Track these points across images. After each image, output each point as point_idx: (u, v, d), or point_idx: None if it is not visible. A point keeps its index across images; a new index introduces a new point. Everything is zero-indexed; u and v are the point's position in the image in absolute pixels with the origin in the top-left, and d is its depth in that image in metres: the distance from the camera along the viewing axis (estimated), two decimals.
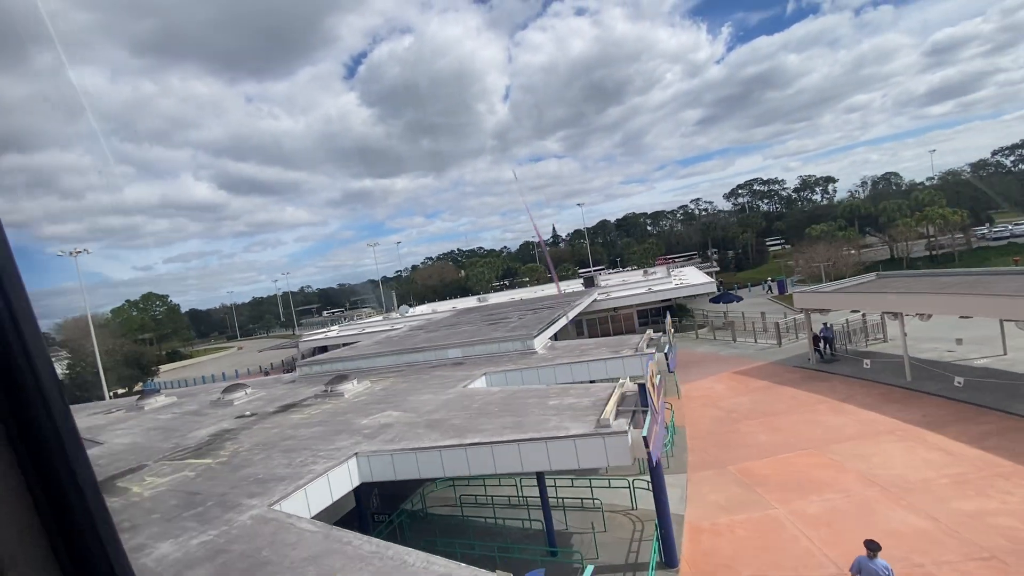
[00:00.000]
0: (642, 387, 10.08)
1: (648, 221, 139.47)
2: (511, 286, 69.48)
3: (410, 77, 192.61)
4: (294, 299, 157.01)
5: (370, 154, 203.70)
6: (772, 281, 48.00)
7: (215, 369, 66.15)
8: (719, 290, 36.96)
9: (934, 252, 47.95)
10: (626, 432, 9.01)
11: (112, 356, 48.58)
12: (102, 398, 46.10)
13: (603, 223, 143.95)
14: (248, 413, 16.19)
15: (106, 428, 17.81)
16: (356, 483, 10.16)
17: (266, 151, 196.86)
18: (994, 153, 55.22)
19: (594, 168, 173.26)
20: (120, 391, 50.24)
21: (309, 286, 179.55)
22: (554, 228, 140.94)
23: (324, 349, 55.14)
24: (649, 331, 17.78)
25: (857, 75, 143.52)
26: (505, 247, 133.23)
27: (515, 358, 17.70)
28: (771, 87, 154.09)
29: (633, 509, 12.92)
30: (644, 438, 8.88)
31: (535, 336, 18.30)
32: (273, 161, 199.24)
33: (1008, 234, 53.88)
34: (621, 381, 11.55)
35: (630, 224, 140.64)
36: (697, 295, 36.07)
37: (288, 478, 9.47)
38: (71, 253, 39.85)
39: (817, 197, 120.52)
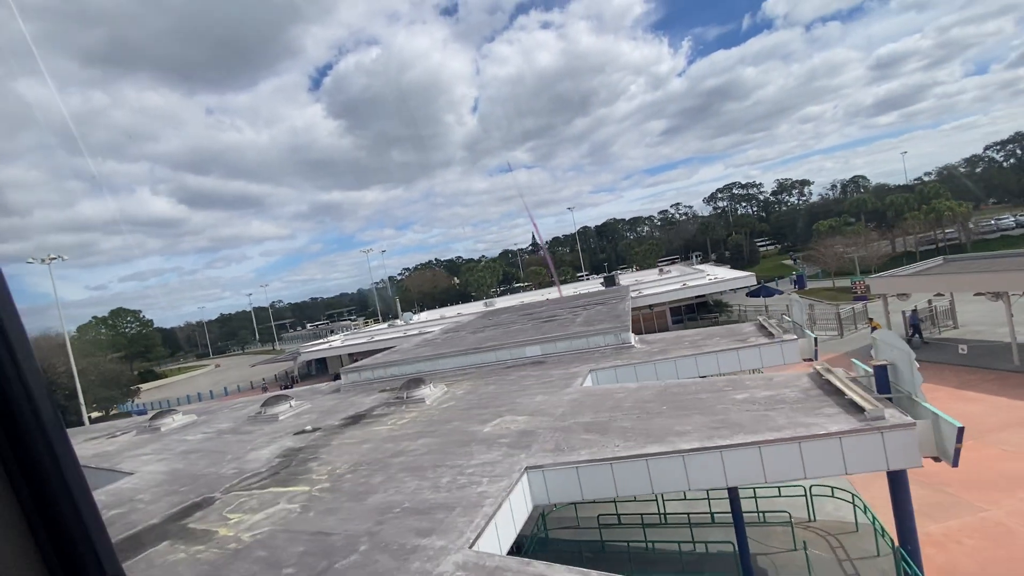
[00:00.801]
0: (881, 369, 8.02)
1: (626, 227, 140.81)
2: (513, 291, 67.24)
3: (378, 88, 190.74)
4: (266, 314, 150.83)
5: (338, 166, 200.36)
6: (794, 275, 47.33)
7: (196, 388, 61.44)
8: (759, 283, 35.76)
9: (940, 244, 48.24)
10: (911, 425, 6.91)
11: (86, 376, 43.91)
12: (79, 423, 41.53)
13: (584, 229, 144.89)
14: (309, 428, 13.42)
15: (124, 454, 14.68)
16: (530, 507, 7.72)
17: (229, 164, 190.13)
18: (986, 148, 56.79)
19: (563, 178, 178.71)
20: (94, 415, 45.52)
21: (280, 301, 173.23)
22: (533, 236, 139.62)
23: (323, 361, 51.62)
24: (760, 318, 15.85)
25: (810, 87, 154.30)
26: (483, 256, 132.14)
27: (610, 354, 15.47)
28: (730, 99, 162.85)
29: (812, 521, 10.81)
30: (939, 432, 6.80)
31: (628, 329, 16.13)
32: (236, 174, 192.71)
33: (996, 228, 55.24)
34: (823, 365, 9.47)
35: (610, 230, 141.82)
36: (736, 289, 34.64)
37: (452, 506, 6.98)
38: (44, 260, 35.62)
39: (793, 199, 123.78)
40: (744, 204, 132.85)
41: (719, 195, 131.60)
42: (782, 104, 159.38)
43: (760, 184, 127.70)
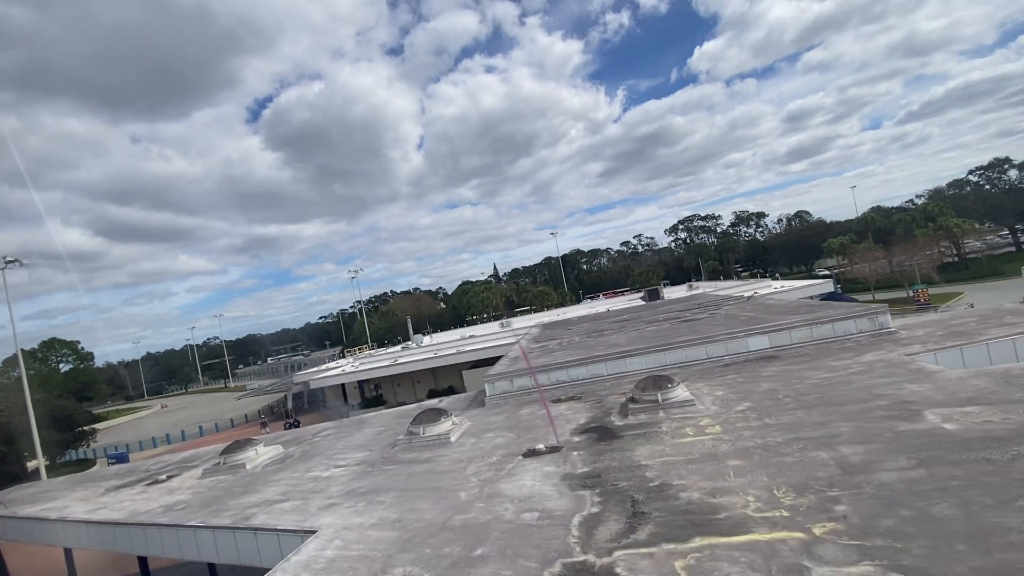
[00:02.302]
0: None
1: (585, 258, 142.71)
2: (522, 313, 63.18)
3: (320, 123, 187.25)
4: (201, 352, 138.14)
5: (276, 199, 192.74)
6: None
7: (147, 431, 52.16)
8: (836, 289, 34.18)
9: (954, 259, 49.55)
10: None
11: (23, 418, 35.28)
12: (21, 473, 32.99)
13: (547, 259, 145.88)
14: (543, 447, 8.99)
15: (244, 504, 9.46)
16: None
17: (155, 195, 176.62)
18: (970, 172, 60.43)
19: (508, 215, 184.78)
20: (33, 464, 36.53)
21: (216, 338, 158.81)
22: (495, 266, 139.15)
23: (319, 392, 45.00)
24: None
25: (731, 136, 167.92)
26: (441, 287, 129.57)
27: (871, 341, 12.14)
28: (662, 144, 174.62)
29: None
30: None
31: (886, 312, 12.88)
32: (163, 206, 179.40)
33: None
34: None
35: (571, 261, 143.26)
36: (812, 296, 32.72)
37: None
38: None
39: (751, 231, 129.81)
40: (703, 235, 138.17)
41: (680, 227, 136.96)
42: (708, 150, 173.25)
43: (719, 216, 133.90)
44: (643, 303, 40.86)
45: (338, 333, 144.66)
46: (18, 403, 36.53)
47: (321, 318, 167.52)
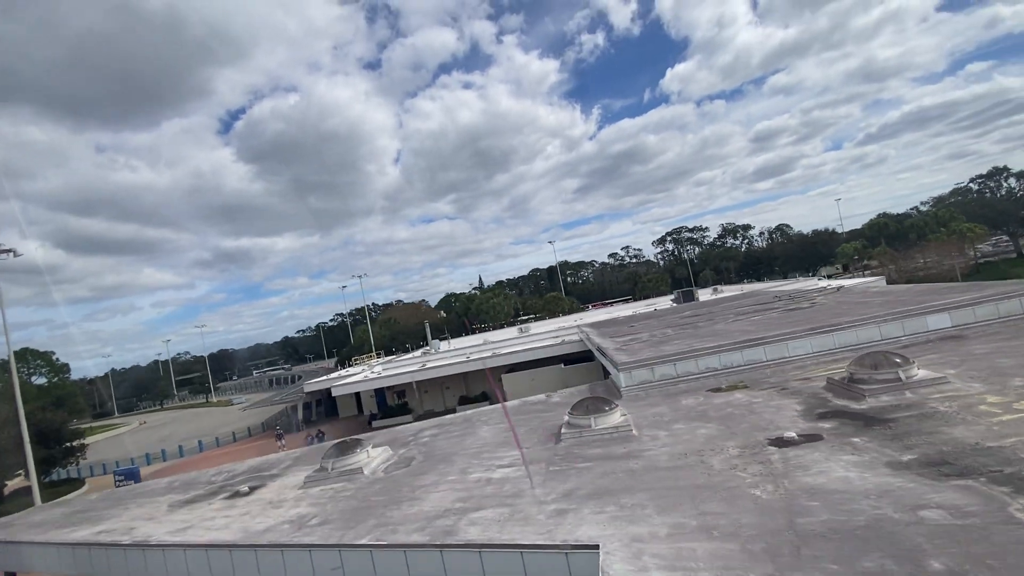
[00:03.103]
0: None
1: (571, 270, 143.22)
2: (538, 319, 61.22)
3: (295, 135, 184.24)
4: (168, 367, 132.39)
5: (248, 211, 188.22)
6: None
7: (123, 450, 48.11)
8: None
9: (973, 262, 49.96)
10: None
11: (8, 430, 31.54)
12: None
13: (534, 271, 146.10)
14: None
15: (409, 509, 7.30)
16: None
17: (120, 206, 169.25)
18: (971, 180, 61.89)
19: (485, 229, 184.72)
20: (13, 482, 32.66)
21: (187, 353, 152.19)
22: (480, 278, 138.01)
23: (327, 403, 42.17)
24: None
25: (702, 155, 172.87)
26: (424, 300, 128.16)
27: None
28: (635, 162, 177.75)
29: None
30: None
31: None
32: (128, 217, 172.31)
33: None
34: None
35: (553, 276, 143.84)
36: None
37: None
38: None
39: (736, 242, 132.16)
40: (690, 247, 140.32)
41: (667, 239, 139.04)
42: (679, 168, 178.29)
43: (706, 228, 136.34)
44: (675, 305, 39.53)
45: (318, 346, 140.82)
46: (3, 415, 32.79)
47: (299, 331, 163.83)
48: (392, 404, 34.91)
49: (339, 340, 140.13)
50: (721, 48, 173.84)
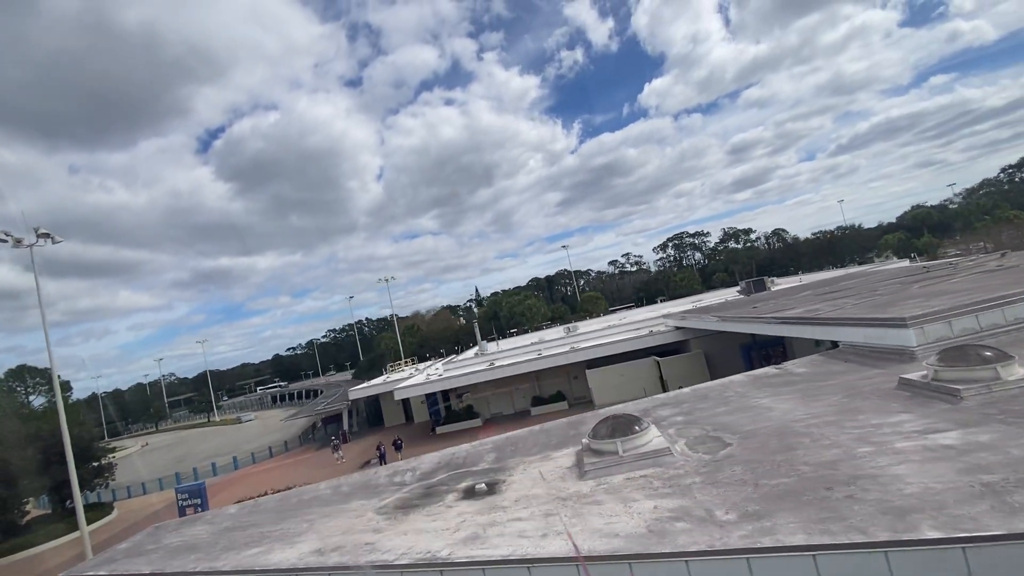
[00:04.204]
0: None
1: (565, 281, 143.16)
2: (578, 320, 58.65)
3: (275, 153, 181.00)
4: (154, 390, 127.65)
5: (227, 230, 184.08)
6: None
7: (136, 473, 44.19)
8: None
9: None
10: None
11: (24, 452, 27.84)
12: (18, 524, 26.03)
13: (535, 278, 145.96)
14: None
15: None
16: None
17: (94, 227, 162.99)
18: (1001, 171, 61.46)
19: (469, 244, 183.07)
20: (29, 508, 28.79)
21: (172, 374, 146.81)
22: (476, 290, 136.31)
23: (375, 404, 39.04)
24: None
25: (681, 167, 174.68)
26: (417, 311, 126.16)
27: None
28: (616, 175, 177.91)
29: None
30: None
31: None
32: (103, 239, 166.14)
33: None
34: None
35: (555, 282, 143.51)
36: None
37: None
38: (12, 241, 22.05)
39: (738, 245, 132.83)
40: (689, 251, 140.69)
41: (668, 244, 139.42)
42: (660, 181, 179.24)
43: (708, 233, 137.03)
44: (745, 296, 37.39)
45: (310, 363, 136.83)
46: (16, 434, 29.12)
47: (289, 349, 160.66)
48: (459, 408, 31.88)
49: (332, 356, 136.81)
50: (696, 63, 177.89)
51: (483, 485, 8.30)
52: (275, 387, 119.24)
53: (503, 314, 59.36)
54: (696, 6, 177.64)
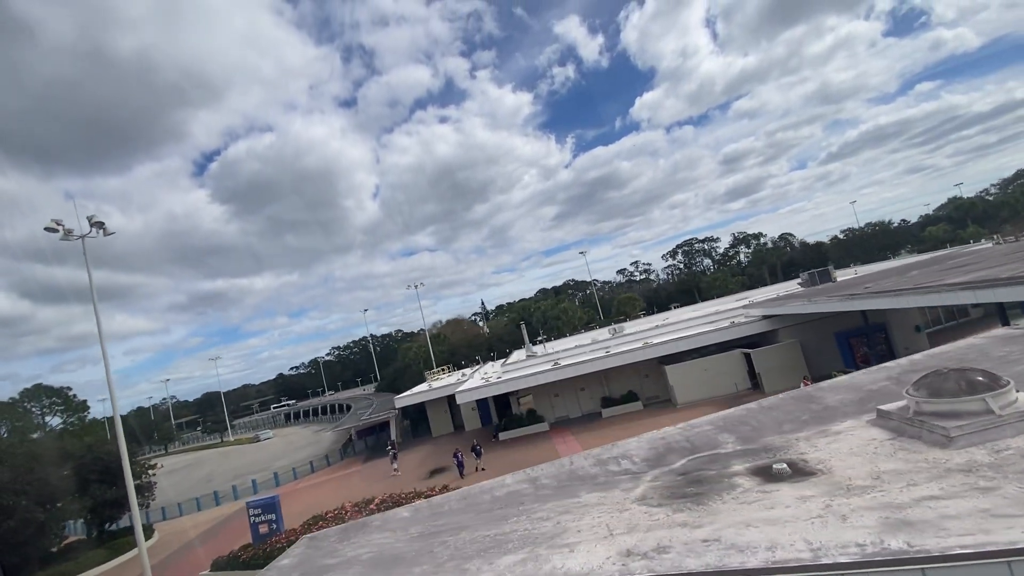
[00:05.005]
0: None
1: (571, 290, 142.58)
2: (616, 322, 56.72)
3: (271, 174, 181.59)
4: (158, 413, 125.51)
5: (224, 253, 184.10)
6: None
7: (165, 495, 41.79)
8: None
9: None
10: None
11: (60, 471, 25.60)
12: (55, 549, 23.87)
13: (543, 289, 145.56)
14: None
15: None
16: None
17: (89, 252, 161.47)
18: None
19: (466, 260, 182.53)
20: (68, 534, 26.36)
21: (174, 397, 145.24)
22: (483, 302, 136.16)
23: (421, 411, 36.94)
24: None
25: (674, 178, 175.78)
26: (421, 329, 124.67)
27: None
28: (611, 188, 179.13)
29: None
30: None
31: None
32: (99, 263, 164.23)
33: None
34: None
35: (562, 292, 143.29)
36: None
37: None
38: (63, 232, 20.24)
39: (748, 250, 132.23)
40: (699, 257, 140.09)
41: (678, 251, 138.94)
42: (653, 192, 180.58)
43: (717, 239, 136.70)
44: (807, 288, 35.63)
45: (315, 381, 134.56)
46: (52, 452, 26.94)
47: (292, 368, 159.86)
48: (520, 412, 29.76)
49: (337, 373, 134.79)
50: (686, 77, 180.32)
51: (783, 465, 6.39)
52: (283, 406, 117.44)
53: (535, 319, 57.41)
54: (684, 21, 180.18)
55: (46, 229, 18.85)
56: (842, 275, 43.32)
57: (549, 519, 6.90)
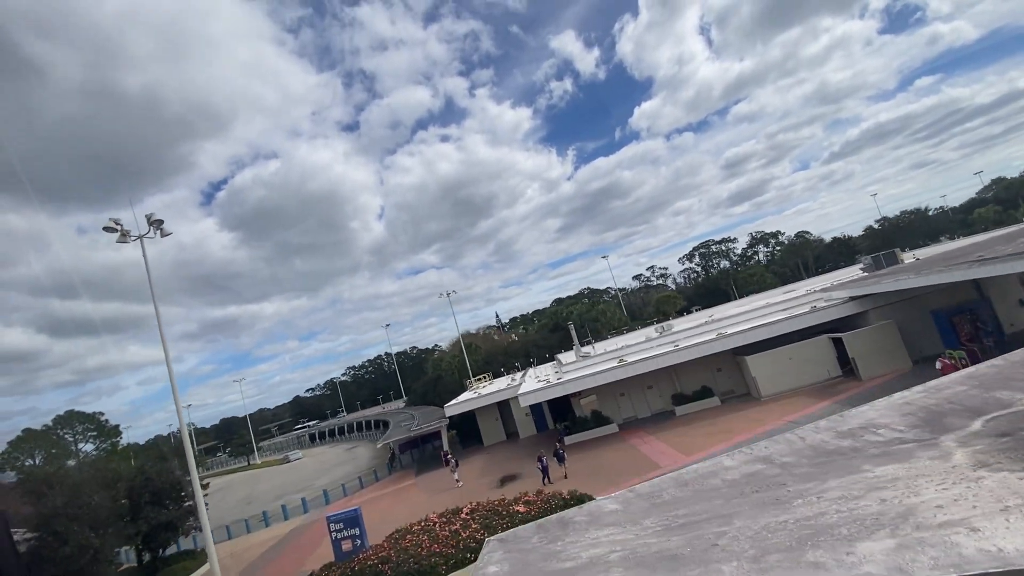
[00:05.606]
0: None
1: (586, 298, 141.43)
2: (658, 322, 55.01)
3: (277, 200, 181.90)
4: (175, 442, 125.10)
5: (233, 279, 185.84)
6: None
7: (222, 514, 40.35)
8: None
9: None
10: None
11: (109, 493, 24.25)
12: (108, 570, 22.47)
13: (558, 299, 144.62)
14: None
15: None
16: None
17: (103, 286, 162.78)
18: None
19: (473, 276, 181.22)
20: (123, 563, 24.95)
21: (191, 424, 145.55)
22: (497, 315, 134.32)
23: (470, 420, 35.37)
24: None
25: (677, 185, 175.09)
26: (436, 345, 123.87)
27: None
28: (614, 198, 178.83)
29: None
30: None
31: None
32: (111, 296, 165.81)
33: None
34: None
35: (578, 301, 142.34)
36: None
37: None
38: (120, 234, 19.23)
39: (767, 249, 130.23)
40: (716, 259, 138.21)
41: (695, 254, 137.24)
42: (657, 200, 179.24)
43: (734, 239, 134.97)
44: (869, 273, 33.83)
45: (331, 402, 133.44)
46: (102, 474, 25.68)
47: (308, 391, 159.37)
48: (584, 415, 28.08)
49: (352, 393, 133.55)
50: (683, 84, 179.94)
51: None
52: (304, 427, 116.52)
53: (573, 322, 55.81)
54: (678, 29, 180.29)
55: (105, 229, 18.04)
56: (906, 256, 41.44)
57: (859, 497, 5.36)
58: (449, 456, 28.44)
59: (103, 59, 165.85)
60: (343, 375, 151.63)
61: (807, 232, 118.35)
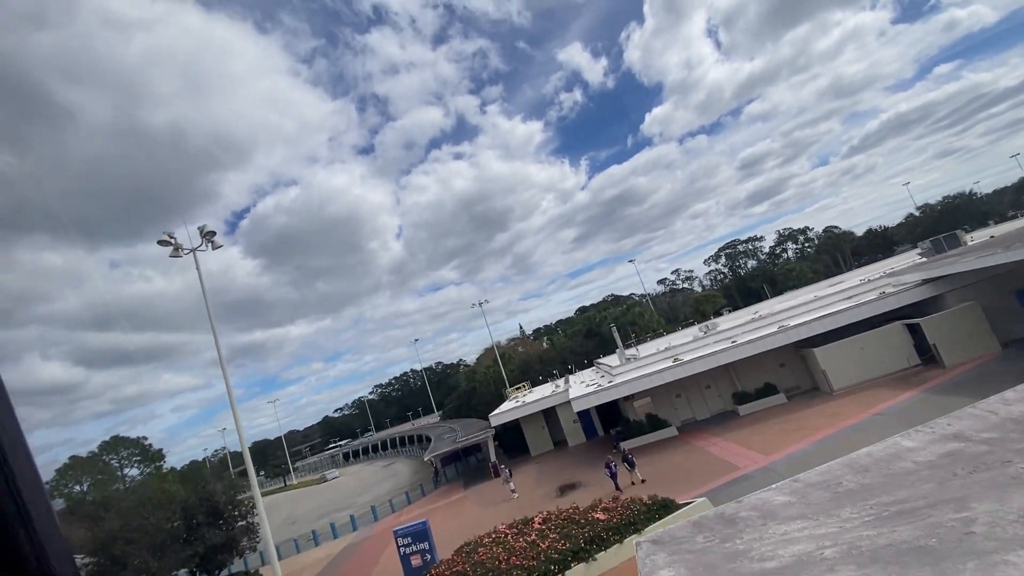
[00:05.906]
0: None
1: (612, 305, 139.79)
2: (698, 321, 53.53)
3: (298, 225, 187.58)
4: (212, 465, 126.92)
5: (259, 304, 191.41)
6: None
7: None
8: None
9: None
10: None
11: (164, 513, 23.98)
12: None
13: (582, 307, 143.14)
14: None
15: None
16: None
17: (136, 316, 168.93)
18: None
19: (492, 289, 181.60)
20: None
21: (224, 448, 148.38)
22: (520, 326, 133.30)
23: (515, 429, 34.35)
24: None
25: (693, 188, 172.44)
26: (461, 359, 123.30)
27: None
28: (629, 204, 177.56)
29: None
30: None
31: None
32: (145, 326, 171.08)
33: None
34: None
35: (605, 306, 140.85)
36: None
37: None
38: (175, 248, 19.19)
39: (796, 246, 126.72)
40: (742, 259, 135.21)
41: (720, 255, 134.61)
42: (673, 204, 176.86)
43: (762, 238, 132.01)
44: (929, 258, 32.03)
45: (360, 421, 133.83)
46: (156, 496, 25.52)
47: (337, 411, 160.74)
48: (639, 417, 26.91)
49: (380, 411, 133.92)
50: (694, 88, 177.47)
51: None
52: (337, 446, 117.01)
53: (605, 328, 54.64)
54: (685, 33, 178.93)
55: (159, 243, 17.97)
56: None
57: None
58: (501, 467, 27.50)
59: (129, 99, 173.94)
60: (370, 393, 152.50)
61: (835, 227, 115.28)
